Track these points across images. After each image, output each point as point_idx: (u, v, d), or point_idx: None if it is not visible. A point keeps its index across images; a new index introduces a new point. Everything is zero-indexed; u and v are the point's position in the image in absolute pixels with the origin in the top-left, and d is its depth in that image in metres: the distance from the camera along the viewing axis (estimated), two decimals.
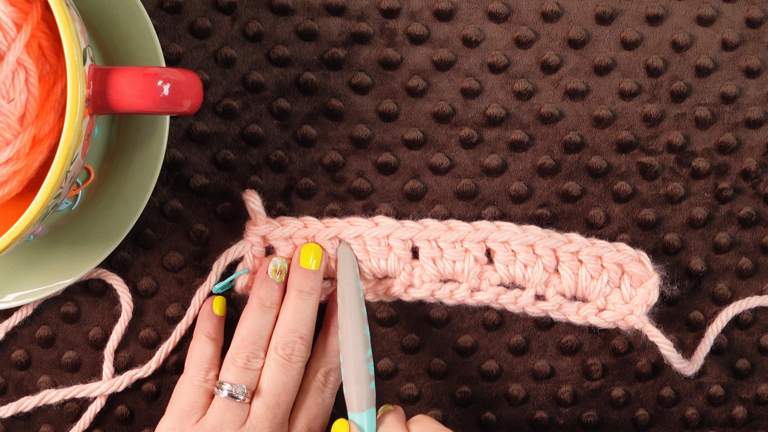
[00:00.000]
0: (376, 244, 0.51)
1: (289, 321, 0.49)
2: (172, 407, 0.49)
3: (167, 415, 0.48)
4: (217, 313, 0.51)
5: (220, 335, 0.51)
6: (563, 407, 0.54)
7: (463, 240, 0.51)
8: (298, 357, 0.48)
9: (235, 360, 0.48)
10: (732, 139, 0.53)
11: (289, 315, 0.49)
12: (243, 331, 0.49)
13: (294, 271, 0.50)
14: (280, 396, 0.48)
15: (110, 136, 0.50)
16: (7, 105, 0.40)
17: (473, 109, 0.52)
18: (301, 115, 0.52)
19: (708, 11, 0.52)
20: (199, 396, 0.48)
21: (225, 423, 0.47)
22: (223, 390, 0.48)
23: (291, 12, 0.51)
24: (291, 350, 0.48)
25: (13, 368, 0.52)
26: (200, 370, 0.49)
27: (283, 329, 0.49)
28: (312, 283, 0.49)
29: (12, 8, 0.40)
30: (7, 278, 0.50)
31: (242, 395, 0.47)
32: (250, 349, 0.48)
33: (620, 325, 0.52)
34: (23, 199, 0.43)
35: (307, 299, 0.49)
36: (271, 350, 0.49)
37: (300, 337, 0.48)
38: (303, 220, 0.51)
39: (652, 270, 0.51)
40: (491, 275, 0.51)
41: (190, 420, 0.48)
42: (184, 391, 0.49)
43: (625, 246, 0.51)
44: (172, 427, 0.48)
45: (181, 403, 0.48)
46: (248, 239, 0.50)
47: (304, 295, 0.49)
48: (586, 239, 0.51)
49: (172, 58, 0.51)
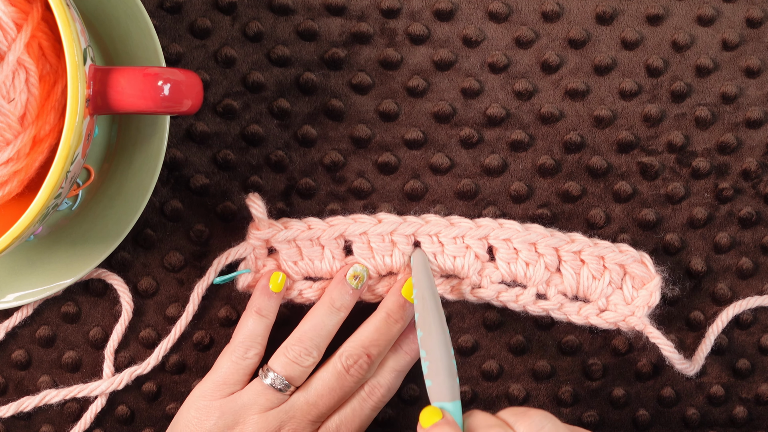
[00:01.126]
0: (380, 240, 0.51)
1: (365, 337, 0.49)
2: (208, 375, 0.49)
3: (202, 382, 0.49)
4: (273, 289, 0.50)
5: (272, 313, 0.50)
6: (564, 407, 0.54)
7: (465, 236, 0.51)
8: (357, 372, 0.48)
9: (288, 352, 0.49)
10: (732, 139, 0.53)
11: (368, 332, 0.49)
12: (305, 326, 0.49)
13: (392, 295, 0.50)
14: (323, 398, 0.48)
15: (110, 136, 0.50)
16: (7, 105, 0.40)
17: (473, 109, 0.52)
18: (302, 115, 0.52)
19: (708, 11, 0.52)
20: (235, 371, 0.49)
21: (257, 404, 0.48)
22: (268, 377, 0.48)
23: (291, 12, 0.51)
24: (354, 363, 0.48)
25: (14, 368, 0.52)
26: (242, 346, 0.49)
27: (356, 342, 0.49)
28: (404, 312, 0.50)
29: (12, 8, 0.40)
30: (7, 278, 0.50)
31: (283, 387, 0.48)
32: (306, 345, 0.49)
33: (621, 326, 0.52)
34: (23, 199, 0.43)
35: (393, 326, 0.49)
36: (335, 356, 0.49)
37: (368, 355, 0.49)
38: (306, 222, 0.51)
39: (654, 271, 0.51)
40: (492, 272, 0.51)
41: (221, 392, 0.48)
42: (223, 363, 0.49)
43: (628, 247, 0.51)
44: (203, 394, 0.49)
45: (216, 375, 0.49)
46: (250, 242, 0.50)
47: (391, 320, 0.49)
48: (589, 239, 0.51)
49: (172, 58, 0.51)
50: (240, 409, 0.48)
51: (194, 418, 0.48)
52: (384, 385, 0.50)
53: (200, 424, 0.48)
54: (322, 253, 0.51)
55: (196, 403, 0.49)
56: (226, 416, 0.48)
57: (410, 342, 0.51)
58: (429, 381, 0.45)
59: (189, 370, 0.53)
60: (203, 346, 0.53)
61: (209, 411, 0.48)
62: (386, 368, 0.50)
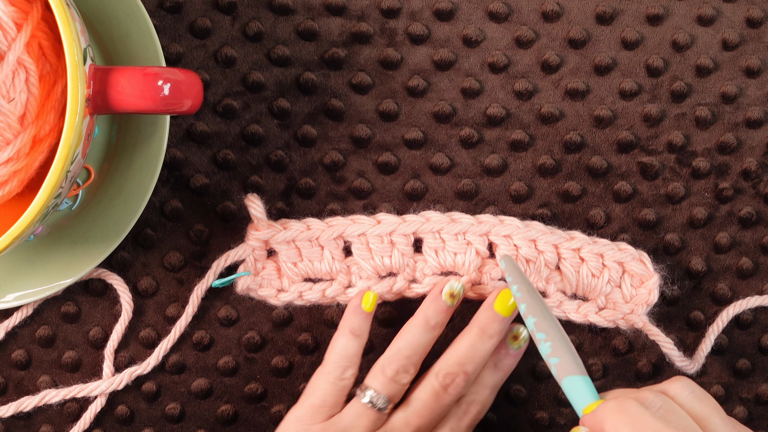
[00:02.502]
0: (379, 241, 0.51)
1: (461, 354, 0.48)
2: (303, 398, 0.49)
3: (298, 405, 0.48)
4: (366, 309, 0.49)
5: (365, 332, 0.49)
6: (564, 407, 0.54)
7: (466, 232, 0.51)
8: (455, 390, 0.48)
9: (385, 370, 0.48)
10: (732, 139, 0.53)
11: (463, 348, 0.48)
12: (400, 343, 0.49)
13: (485, 310, 0.49)
14: (423, 418, 0.48)
15: (110, 135, 0.50)
16: (7, 105, 0.40)
17: (473, 109, 0.52)
18: (302, 114, 0.52)
19: (708, 11, 0.52)
20: (332, 393, 0.48)
21: (359, 426, 0.47)
22: (366, 395, 0.48)
23: (291, 12, 0.51)
24: (451, 381, 0.48)
25: (14, 368, 0.52)
26: (338, 366, 0.48)
27: (452, 359, 0.48)
28: (498, 327, 0.49)
29: (12, 8, 0.40)
30: (7, 278, 0.50)
31: (383, 406, 0.47)
32: (402, 363, 0.48)
33: (620, 324, 0.52)
34: (23, 199, 0.43)
35: (487, 342, 0.49)
36: (431, 373, 0.48)
37: (465, 373, 0.48)
38: (305, 222, 0.51)
39: (652, 270, 0.51)
40: (492, 269, 0.51)
41: (320, 415, 0.48)
42: (319, 385, 0.48)
43: (627, 245, 0.51)
44: (301, 418, 0.48)
45: (313, 398, 0.48)
46: (249, 243, 0.50)
47: (486, 336, 0.49)
48: (588, 237, 0.51)
49: (172, 58, 0.51)
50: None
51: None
52: (480, 402, 0.50)
53: None
54: (322, 253, 0.51)
55: (294, 428, 0.48)
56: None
57: (503, 357, 0.50)
58: (555, 359, 0.44)
59: (189, 370, 0.53)
60: (203, 346, 0.53)
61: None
62: (481, 384, 0.50)
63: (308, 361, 0.53)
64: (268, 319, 0.53)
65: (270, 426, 0.54)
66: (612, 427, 0.38)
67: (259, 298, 0.52)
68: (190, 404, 0.53)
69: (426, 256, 0.51)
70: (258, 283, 0.51)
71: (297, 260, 0.51)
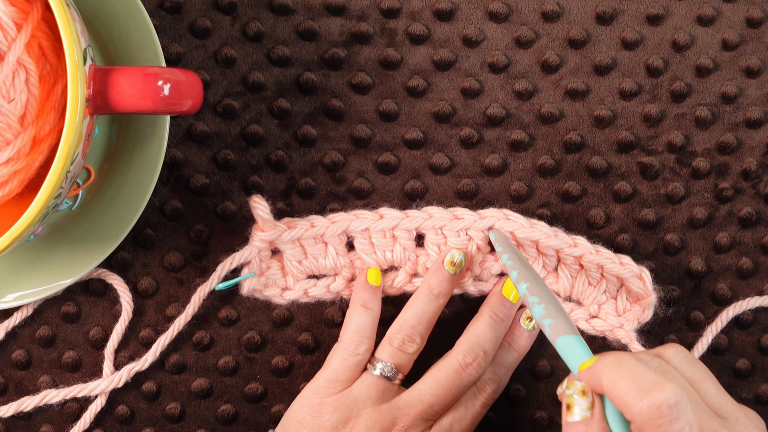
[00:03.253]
0: (381, 236, 0.51)
1: (479, 335, 0.49)
2: (320, 373, 0.50)
3: (314, 379, 0.49)
4: (372, 283, 0.51)
5: (376, 305, 0.50)
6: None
7: (468, 228, 0.51)
8: (475, 369, 0.48)
9: (392, 340, 0.49)
10: (732, 139, 0.53)
11: (480, 329, 0.49)
12: (406, 314, 0.50)
13: (494, 295, 0.51)
14: (437, 397, 0.48)
15: (110, 136, 0.50)
16: (7, 105, 0.40)
17: (473, 109, 0.52)
18: (302, 115, 0.52)
19: (708, 11, 0.52)
20: (347, 368, 0.49)
21: (369, 397, 0.48)
22: (376, 367, 0.49)
23: (291, 12, 0.51)
24: (471, 360, 0.48)
25: (14, 368, 0.52)
26: (352, 342, 0.49)
27: (471, 339, 0.49)
28: (509, 311, 0.50)
29: (12, 8, 0.40)
30: (7, 278, 0.50)
31: (390, 374, 0.48)
32: (408, 333, 0.49)
33: (607, 336, 0.52)
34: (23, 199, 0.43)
35: (500, 324, 0.50)
36: (452, 354, 0.49)
37: (484, 352, 0.49)
38: (309, 220, 0.51)
39: (651, 289, 0.51)
40: (492, 265, 0.51)
41: (333, 389, 0.49)
42: (333, 361, 0.49)
43: (630, 260, 0.51)
44: (314, 392, 0.49)
45: (327, 372, 0.49)
46: (255, 245, 0.50)
47: (497, 318, 0.50)
48: (592, 245, 0.51)
49: (172, 58, 0.51)
50: (352, 403, 0.48)
51: (308, 416, 0.48)
52: (496, 381, 0.50)
53: (314, 421, 0.48)
54: (326, 250, 0.51)
55: (308, 401, 0.49)
56: (339, 411, 0.48)
57: (518, 338, 0.51)
58: (549, 320, 0.44)
59: (189, 370, 0.53)
60: (203, 346, 0.53)
61: (322, 408, 0.48)
62: (497, 364, 0.51)
63: (308, 360, 0.53)
64: (269, 318, 0.53)
65: (270, 426, 0.54)
66: (609, 379, 0.38)
67: (264, 298, 0.52)
68: (190, 404, 0.53)
69: (428, 250, 0.51)
70: (263, 284, 0.51)
71: (302, 258, 0.51)
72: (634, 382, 0.37)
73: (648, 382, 0.37)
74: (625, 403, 0.37)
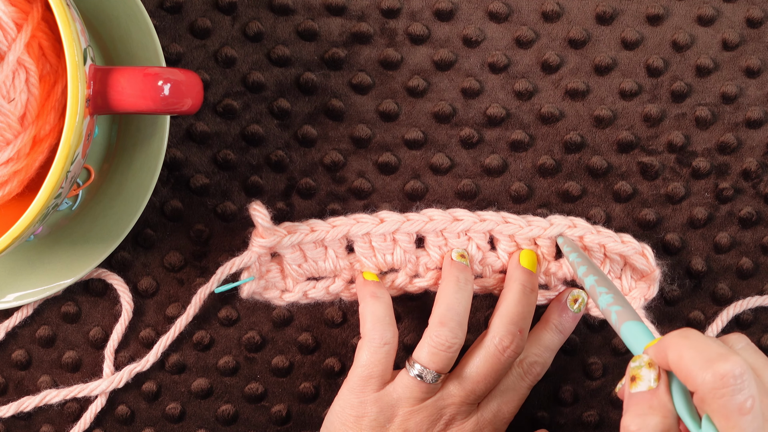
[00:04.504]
0: (382, 240, 0.51)
1: (512, 313, 0.49)
2: (352, 371, 0.49)
3: (348, 378, 0.49)
4: (371, 279, 0.51)
5: (384, 293, 0.50)
6: (564, 407, 0.54)
7: (468, 230, 0.51)
8: (513, 351, 0.48)
9: (431, 338, 0.48)
10: (732, 139, 0.53)
11: (511, 305, 0.49)
12: (441, 308, 0.48)
13: (516, 269, 0.50)
14: (478, 384, 0.48)
15: (111, 136, 0.50)
16: (7, 105, 0.40)
17: (474, 109, 0.52)
18: (302, 115, 0.52)
19: (708, 11, 0.52)
20: (377, 362, 0.48)
21: (412, 398, 0.48)
22: (414, 369, 0.48)
23: (291, 12, 0.51)
24: (509, 343, 0.48)
25: (14, 368, 0.52)
26: (374, 332, 0.48)
27: (505, 319, 0.49)
28: (534, 282, 0.50)
29: (12, 8, 0.40)
30: (7, 278, 0.50)
31: (432, 379, 0.48)
32: (449, 326, 0.48)
33: None
34: (23, 199, 0.43)
35: (530, 295, 0.49)
36: (488, 337, 0.48)
37: (520, 331, 0.48)
38: (309, 224, 0.50)
39: (654, 264, 0.51)
40: (494, 261, 0.51)
41: (370, 387, 0.48)
42: (362, 357, 0.48)
43: (630, 238, 0.51)
44: (353, 389, 0.48)
45: (360, 369, 0.48)
46: (254, 251, 0.50)
47: (527, 289, 0.49)
48: (591, 226, 0.51)
49: (172, 58, 0.51)
50: (396, 402, 0.48)
51: (351, 416, 0.48)
52: (541, 364, 0.50)
53: (359, 421, 0.48)
54: (326, 253, 0.51)
55: (348, 401, 0.48)
56: (385, 410, 0.48)
57: (564, 321, 0.51)
58: (617, 307, 0.44)
59: (189, 370, 0.53)
60: (203, 346, 0.53)
61: (365, 407, 0.48)
62: (541, 346, 0.50)
63: (308, 360, 0.53)
64: (269, 318, 0.53)
65: (270, 426, 0.54)
66: (675, 351, 0.38)
67: (264, 300, 0.52)
68: (190, 404, 0.53)
69: (429, 251, 0.51)
70: (262, 286, 0.51)
71: (301, 262, 0.51)
72: (699, 353, 0.37)
73: (713, 353, 0.36)
74: (690, 372, 0.36)
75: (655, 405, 0.38)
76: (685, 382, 0.37)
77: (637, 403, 0.38)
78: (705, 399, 0.36)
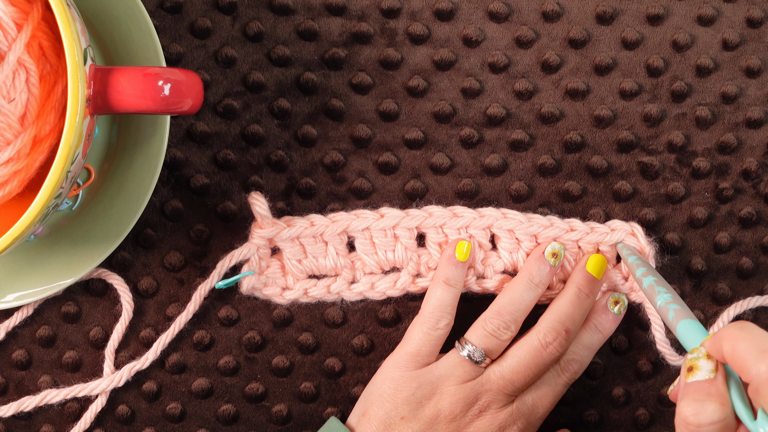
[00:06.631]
0: (383, 236, 0.51)
1: (562, 312, 0.49)
2: (400, 347, 0.50)
3: (394, 353, 0.50)
4: (459, 258, 0.50)
5: (460, 282, 0.50)
6: (564, 407, 0.54)
7: (468, 226, 0.51)
8: (556, 349, 0.49)
9: (486, 324, 0.49)
10: (732, 139, 0.53)
11: (563, 306, 0.50)
12: (504, 299, 0.50)
13: (579, 271, 0.51)
14: (518, 375, 0.49)
15: (111, 136, 0.50)
16: (7, 105, 0.40)
17: (474, 109, 0.52)
18: (302, 114, 0.52)
19: (708, 11, 0.52)
20: (427, 342, 0.49)
21: (454, 376, 0.49)
22: (464, 348, 0.49)
23: (291, 12, 0.51)
24: (552, 339, 0.49)
25: (14, 368, 0.52)
26: (433, 316, 0.49)
27: (554, 317, 0.49)
28: (593, 287, 0.51)
29: (13, 8, 0.40)
30: (7, 278, 0.50)
31: (480, 359, 0.49)
32: (505, 319, 0.49)
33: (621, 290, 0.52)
34: (24, 199, 0.43)
35: (585, 300, 0.50)
36: (533, 332, 0.49)
37: (566, 331, 0.49)
38: (308, 219, 0.51)
39: (645, 243, 0.51)
40: (495, 261, 0.52)
41: (415, 363, 0.49)
42: (414, 335, 0.50)
43: (619, 223, 0.52)
44: (396, 365, 0.49)
45: (408, 346, 0.49)
46: (254, 242, 0.50)
47: (583, 295, 0.50)
48: (586, 225, 0.51)
49: (172, 58, 0.51)
50: (437, 380, 0.48)
51: (389, 389, 0.49)
52: (579, 362, 0.51)
53: (396, 394, 0.49)
54: (326, 250, 0.51)
55: (390, 374, 0.49)
56: (424, 387, 0.48)
57: (604, 321, 0.51)
58: (675, 305, 0.45)
59: (189, 369, 0.53)
60: (204, 346, 0.53)
61: (405, 381, 0.49)
62: (580, 344, 0.51)
63: (309, 360, 0.53)
64: (269, 318, 0.53)
65: (270, 426, 0.54)
66: (730, 343, 0.38)
67: (264, 297, 0.52)
68: (190, 404, 0.53)
69: (429, 249, 0.51)
70: (263, 282, 0.51)
71: (301, 257, 0.51)
72: (754, 345, 0.37)
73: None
74: (745, 363, 0.37)
75: (713, 392, 0.38)
76: (740, 373, 0.37)
77: (696, 391, 0.39)
78: (759, 390, 0.36)
